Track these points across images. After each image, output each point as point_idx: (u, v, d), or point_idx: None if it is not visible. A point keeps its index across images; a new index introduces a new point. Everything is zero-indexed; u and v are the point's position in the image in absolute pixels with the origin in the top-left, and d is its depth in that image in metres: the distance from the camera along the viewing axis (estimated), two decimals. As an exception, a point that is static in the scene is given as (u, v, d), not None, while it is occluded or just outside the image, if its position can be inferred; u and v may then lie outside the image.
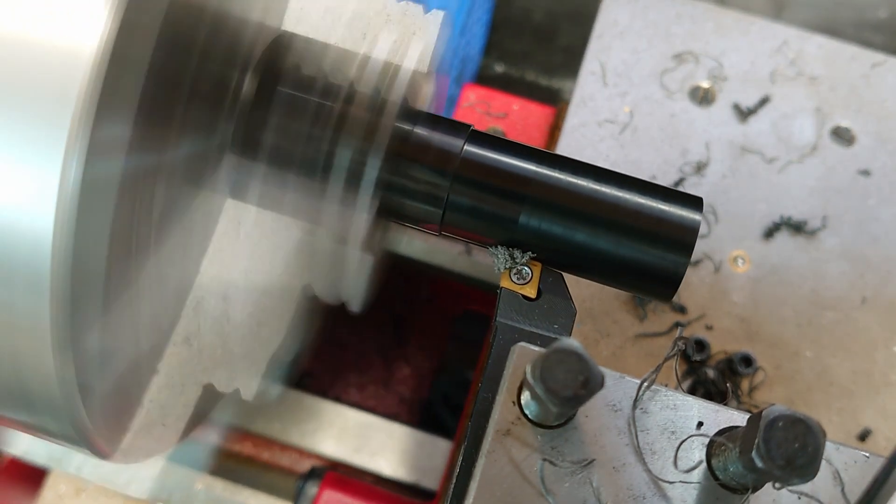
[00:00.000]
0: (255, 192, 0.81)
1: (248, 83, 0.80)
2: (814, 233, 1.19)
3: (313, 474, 1.19)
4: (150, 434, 0.84)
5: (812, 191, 1.22)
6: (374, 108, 0.79)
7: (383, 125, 0.79)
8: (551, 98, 1.42)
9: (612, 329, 1.13)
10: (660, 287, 0.81)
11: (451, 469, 1.20)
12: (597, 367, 0.59)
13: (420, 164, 0.80)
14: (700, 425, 0.68)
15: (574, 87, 1.27)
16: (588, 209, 0.79)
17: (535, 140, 1.33)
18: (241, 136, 0.80)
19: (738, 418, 0.69)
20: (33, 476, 1.28)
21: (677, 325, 1.13)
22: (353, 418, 1.37)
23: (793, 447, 0.58)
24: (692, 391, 1.11)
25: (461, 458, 0.72)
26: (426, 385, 1.54)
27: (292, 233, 0.84)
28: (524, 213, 0.79)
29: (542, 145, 1.32)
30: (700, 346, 1.12)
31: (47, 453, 1.21)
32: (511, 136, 1.27)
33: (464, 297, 1.51)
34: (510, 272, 0.80)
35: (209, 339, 0.87)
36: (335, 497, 1.16)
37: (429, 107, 0.88)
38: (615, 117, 1.25)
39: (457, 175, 0.80)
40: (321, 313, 0.97)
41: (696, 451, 0.68)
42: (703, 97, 1.27)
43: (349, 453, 1.35)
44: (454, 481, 0.71)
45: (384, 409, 1.50)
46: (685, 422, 0.68)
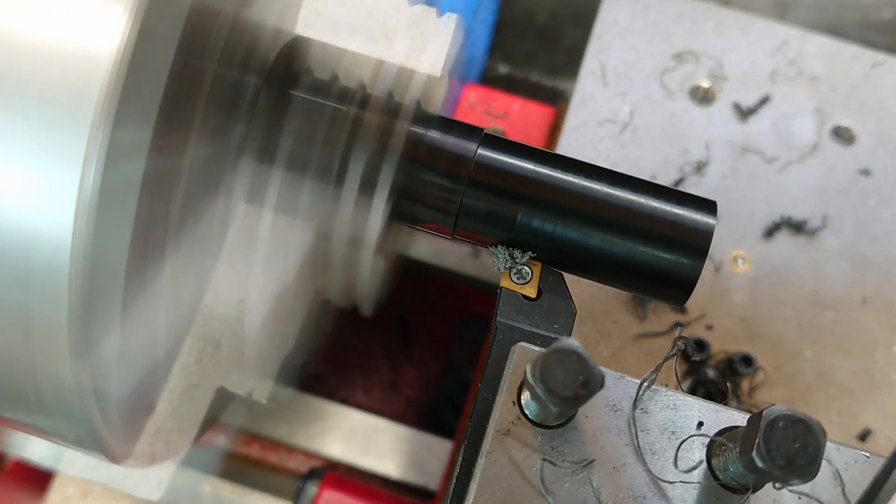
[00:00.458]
0: (272, 196, 0.81)
1: (265, 88, 0.79)
2: (814, 233, 1.19)
3: (313, 474, 1.19)
4: (163, 438, 0.84)
5: (812, 191, 1.22)
6: (390, 112, 0.79)
7: (398, 130, 0.79)
8: (555, 99, 1.41)
9: (612, 329, 1.13)
10: (674, 291, 0.81)
11: (451, 469, 1.20)
12: (597, 367, 0.59)
13: (434, 169, 0.80)
14: (700, 425, 0.68)
15: (574, 87, 1.27)
16: (602, 213, 0.79)
17: (536, 140, 1.33)
18: (257, 140, 0.80)
19: (739, 418, 0.69)
20: (39, 478, 1.27)
21: (677, 325, 1.13)
22: (359, 420, 1.36)
23: (793, 447, 0.58)
24: (692, 391, 1.10)
25: (461, 458, 0.72)
26: (432, 387, 1.54)
27: (306, 236, 0.84)
28: (539, 217, 0.79)
29: (543, 145, 1.32)
30: (700, 346, 1.12)
31: (54, 455, 1.21)
32: (511, 136, 1.27)
33: (471, 299, 1.51)
34: (510, 272, 0.80)
35: (224, 342, 0.87)
36: (335, 497, 1.16)
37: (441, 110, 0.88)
38: (615, 117, 1.25)
39: (471, 179, 0.79)
40: (331, 316, 0.97)
41: (697, 451, 0.68)
42: (703, 97, 1.27)
43: (357, 456, 1.34)
44: (454, 481, 0.71)
45: (390, 412, 1.50)
46: (685, 422, 0.68)
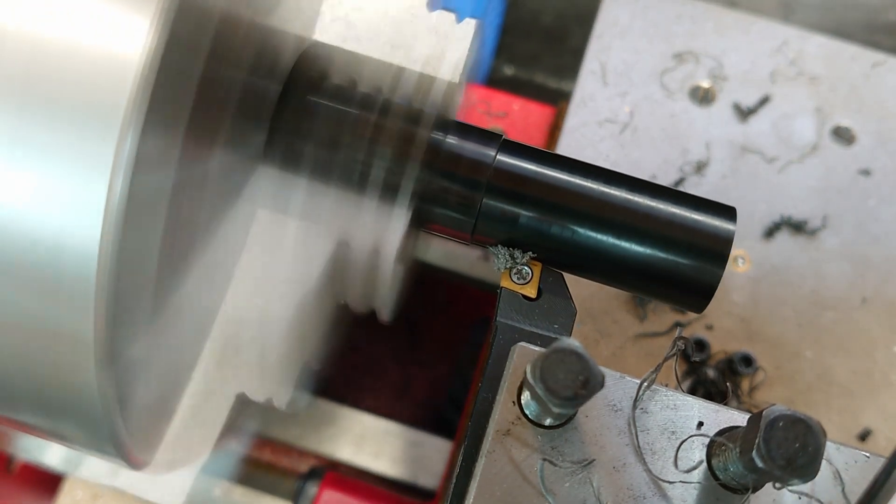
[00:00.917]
0: (297, 203, 0.81)
1: (286, 94, 0.79)
2: (814, 233, 1.19)
3: (313, 474, 1.19)
4: (183, 444, 0.84)
5: (812, 191, 1.22)
6: (411, 119, 0.79)
7: (420, 137, 0.79)
8: (560, 101, 1.42)
9: (612, 329, 1.13)
10: (693, 297, 0.81)
11: (451, 469, 1.20)
12: (597, 367, 0.59)
13: (453, 175, 0.80)
14: (700, 425, 0.68)
15: (574, 87, 1.27)
16: (623, 219, 0.79)
17: (536, 140, 1.33)
18: (279, 147, 0.80)
19: (739, 418, 0.69)
20: (47, 481, 1.26)
21: (677, 325, 1.13)
22: (367, 423, 1.36)
23: (793, 447, 0.58)
24: (692, 391, 1.10)
25: (461, 458, 0.72)
26: (441, 390, 1.53)
27: (327, 243, 0.84)
28: (557, 223, 0.79)
29: (542, 145, 1.32)
30: (700, 346, 1.12)
31: (63, 459, 1.20)
32: (511, 136, 1.27)
33: (481, 302, 1.50)
34: (510, 272, 0.80)
35: (246, 349, 0.87)
36: (335, 497, 1.16)
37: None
38: (615, 117, 1.25)
39: (490, 185, 0.79)
40: (347, 321, 0.97)
41: (697, 451, 0.68)
42: (703, 97, 1.27)
43: (358, 456, 1.34)
44: (454, 481, 0.71)
45: (398, 415, 1.49)
46: (685, 422, 0.68)
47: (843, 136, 1.26)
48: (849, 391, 1.11)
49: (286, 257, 0.83)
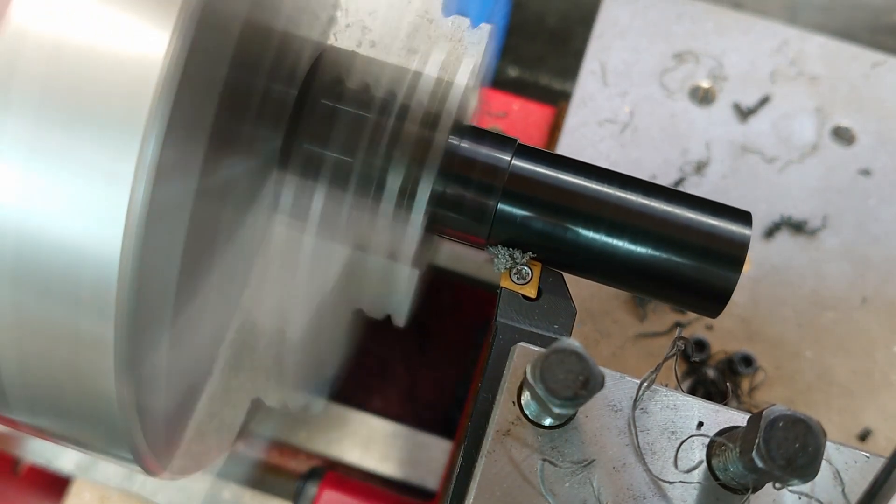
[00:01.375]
0: (313, 209, 0.81)
1: (303, 99, 0.79)
2: (814, 233, 1.19)
3: (313, 474, 1.19)
4: (198, 449, 0.84)
5: (812, 191, 1.22)
6: (427, 124, 0.79)
7: (437, 142, 0.78)
8: (560, 101, 1.42)
9: (612, 329, 1.13)
10: (708, 302, 0.81)
11: (451, 469, 1.20)
12: (597, 367, 0.59)
13: (468, 179, 0.80)
14: (700, 425, 0.68)
15: (574, 87, 1.27)
16: (639, 224, 0.79)
17: (535, 140, 1.33)
18: (297, 153, 0.79)
19: (739, 418, 0.68)
20: (55, 484, 1.26)
21: (677, 325, 1.13)
22: (376, 426, 1.36)
23: (793, 447, 0.58)
24: (692, 391, 1.10)
25: (461, 458, 0.72)
26: (449, 393, 1.53)
27: (344, 248, 0.83)
28: (573, 228, 0.79)
29: (542, 145, 1.32)
30: (700, 346, 1.12)
31: (71, 461, 1.20)
32: (511, 136, 1.27)
33: (488, 305, 1.50)
34: (510, 272, 0.80)
35: (263, 356, 0.87)
36: (335, 497, 1.16)
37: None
38: (615, 117, 1.25)
39: (505, 190, 0.79)
40: (362, 327, 0.97)
41: (697, 451, 0.67)
42: (703, 97, 1.27)
43: (358, 456, 1.34)
44: (454, 481, 0.71)
45: (406, 417, 1.49)
46: (685, 422, 0.68)
47: (843, 136, 1.26)
48: (849, 391, 1.11)
49: (302, 263, 0.83)
